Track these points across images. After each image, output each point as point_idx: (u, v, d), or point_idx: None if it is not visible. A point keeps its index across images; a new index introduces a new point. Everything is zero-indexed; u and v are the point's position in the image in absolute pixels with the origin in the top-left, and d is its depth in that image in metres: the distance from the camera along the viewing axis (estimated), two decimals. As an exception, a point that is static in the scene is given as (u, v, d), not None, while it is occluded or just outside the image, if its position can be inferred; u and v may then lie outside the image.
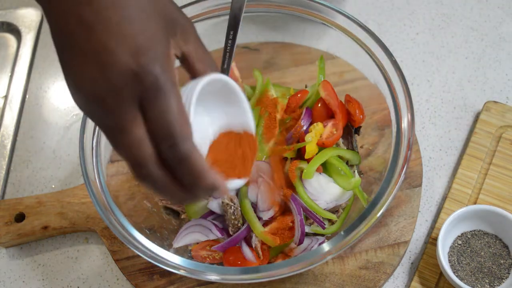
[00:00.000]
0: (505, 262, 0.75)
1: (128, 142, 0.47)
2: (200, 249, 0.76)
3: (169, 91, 0.47)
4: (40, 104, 1.00)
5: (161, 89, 0.47)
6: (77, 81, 0.47)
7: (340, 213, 0.78)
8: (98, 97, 0.47)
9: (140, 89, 0.46)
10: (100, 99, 0.47)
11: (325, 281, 0.78)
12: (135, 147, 0.47)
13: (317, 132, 0.76)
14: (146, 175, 0.49)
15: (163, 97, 0.47)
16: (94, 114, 0.49)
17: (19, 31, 1.07)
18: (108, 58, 0.45)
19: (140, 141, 0.47)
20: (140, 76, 0.46)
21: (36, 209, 0.86)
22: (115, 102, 0.46)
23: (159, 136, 0.47)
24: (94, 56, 0.45)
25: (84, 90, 0.47)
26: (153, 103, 0.47)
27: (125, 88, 0.46)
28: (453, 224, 0.76)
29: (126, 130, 0.47)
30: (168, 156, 0.48)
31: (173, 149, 0.48)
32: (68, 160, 0.94)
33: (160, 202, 0.82)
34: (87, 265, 0.85)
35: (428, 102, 0.92)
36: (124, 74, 0.45)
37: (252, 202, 0.76)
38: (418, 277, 0.78)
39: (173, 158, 0.48)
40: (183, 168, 0.49)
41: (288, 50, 0.94)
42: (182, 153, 0.48)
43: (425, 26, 0.99)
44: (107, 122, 0.48)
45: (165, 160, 0.48)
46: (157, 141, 0.48)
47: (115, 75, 0.46)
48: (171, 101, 0.47)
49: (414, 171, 0.84)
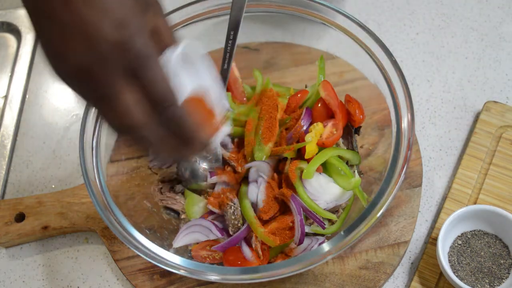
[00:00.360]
0: (505, 262, 0.75)
1: (120, 109, 0.50)
2: (200, 249, 0.76)
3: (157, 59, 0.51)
4: (40, 104, 1.00)
5: (151, 56, 0.50)
6: (60, 52, 0.49)
7: (340, 213, 0.78)
8: (84, 68, 0.48)
9: (128, 58, 0.49)
10: (86, 69, 0.48)
11: (325, 281, 0.78)
12: (129, 112, 0.50)
13: (317, 132, 0.76)
14: (142, 137, 0.53)
15: (155, 64, 0.50)
16: (81, 86, 0.51)
17: (19, 31, 1.07)
18: (92, 30, 0.47)
19: (133, 106, 0.50)
20: (127, 45, 0.48)
21: (36, 209, 0.86)
22: (103, 72, 0.49)
23: (158, 97, 0.51)
24: (76, 28, 0.47)
25: (68, 61, 0.49)
26: (146, 69, 0.50)
27: (111, 58, 0.48)
28: (453, 224, 0.76)
29: (116, 98, 0.50)
30: (168, 115, 0.52)
31: (172, 108, 0.52)
32: (68, 160, 0.94)
33: (160, 202, 0.82)
34: (87, 265, 0.85)
35: (428, 102, 0.92)
36: (110, 44, 0.48)
37: (252, 202, 0.76)
38: (418, 277, 0.78)
39: (173, 116, 0.52)
40: (183, 123, 0.53)
41: (288, 50, 0.94)
42: (180, 110, 0.53)
43: (425, 26, 0.99)
44: (95, 93, 0.50)
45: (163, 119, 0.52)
46: (156, 102, 0.51)
47: (101, 46, 0.47)
48: (161, 67, 0.51)
49: (414, 171, 0.84)
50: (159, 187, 0.82)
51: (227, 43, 0.78)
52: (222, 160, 0.81)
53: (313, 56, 0.92)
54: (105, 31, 0.47)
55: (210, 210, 0.77)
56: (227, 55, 0.79)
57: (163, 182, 0.83)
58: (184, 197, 0.81)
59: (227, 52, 0.79)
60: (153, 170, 0.85)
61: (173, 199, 0.81)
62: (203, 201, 0.78)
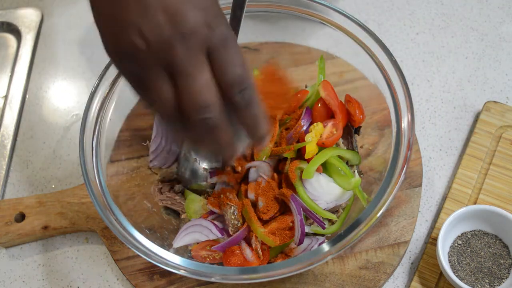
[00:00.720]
0: (505, 262, 0.75)
1: (197, 86, 0.50)
2: (200, 249, 0.76)
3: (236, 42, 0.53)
4: (40, 104, 1.00)
5: (232, 40, 0.51)
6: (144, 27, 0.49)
7: (340, 213, 0.78)
8: (166, 42, 0.49)
9: (210, 38, 0.50)
10: (168, 44, 0.49)
11: (325, 281, 0.78)
12: (204, 91, 0.50)
13: (317, 132, 0.76)
14: (209, 119, 0.52)
15: (234, 47, 0.52)
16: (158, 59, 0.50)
17: (19, 31, 1.07)
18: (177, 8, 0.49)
19: (209, 85, 0.51)
20: (211, 26, 0.50)
21: (36, 209, 0.86)
22: (185, 48, 0.49)
23: (231, 81, 0.51)
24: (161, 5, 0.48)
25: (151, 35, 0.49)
26: (225, 51, 0.51)
27: (194, 36, 0.49)
28: (453, 224, 0.76)
29: (194, 75, 0.50)
30: (237, 100, 0.52)
31: (244, 93, 0.52)
32: (68, 160, 0.94)
33: (160, 202, 0.82)
34: (87, 265, 0.85)
35: (428, 102, 0.92)
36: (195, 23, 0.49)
37: (252, 202, 0.76)
38: (418, 277, 0.78)
39: (242, 101, 0.53)
40: (251, 110, 0.54)
41: (288, 50, 0.94)
42: (251, 97, 0.53)
43: (425, 26, 0.99)
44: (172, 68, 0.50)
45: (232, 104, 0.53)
46: (228, 86, 0.51)
47: (186, 23, 0.49)
48: (239, 51, 0.52)
49: (414, 171, 0.84)
50: (159, 187, 0.83)
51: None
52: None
53: (313, 56, 0.92)
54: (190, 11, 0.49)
55: (210, 210, 0.77)
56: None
57: (163, 182, 0.84)
58: (184, 197, 0.81)
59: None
60: (153, 170, 0.85)
61: (173, 199, 0.81)
62: (203, 201, 0.78)
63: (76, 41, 1.04)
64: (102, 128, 0.78)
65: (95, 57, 1.02)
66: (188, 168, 0.81)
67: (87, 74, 1.00)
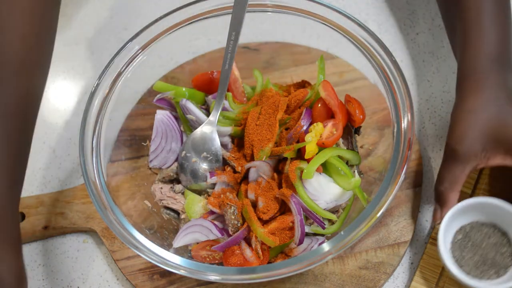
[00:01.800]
0: (507, 250, 0.74)
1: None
2: (200, 249, 0.76)
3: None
4: (40, 104, 1.00)
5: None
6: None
7: (340, 213, 0.78)
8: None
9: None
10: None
11: (325, 281, 0.78)
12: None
13: (317, 132, 0.76)
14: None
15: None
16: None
17: (19, 31, 1.07)
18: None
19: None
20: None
21: (36, 209, 0.86)
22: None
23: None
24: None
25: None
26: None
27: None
28: (451, 220, 0.75)
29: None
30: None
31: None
32: (68, 160, 0.94)
33: (160, 202, 0.82)
34: (87, 265, 0.85)
35: (428, 102, 0.92)
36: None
37: (252, 202, 0.76)
38: (418, 277, 0.78)
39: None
40: None
41: (288, 50, 0.94)
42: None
43: (425, 26, 0.99)
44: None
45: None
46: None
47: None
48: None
49: (414, 171, 0.84)
50: (159, 187, 0.83)
51: (228, 43, 0.78)
52: (222, 160, 0.81)
53: (313, 56, 0.92)
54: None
55: (210, 210, 0.77)
56: (228, 55, 0.79)
57: (163, 182, 0.83)
58: (184, 197, 0.81)
59: (228, 53, 0.79)
60: (153, 170, 0.85)
61: (173, 199, 0.81)
62: (203, 201, 0.78)
63: (76, 41, 1.04)
64: (102, 128, 0.78)
65: (95, 57, 1.02)
66: (188, 168, 0.81)
67: (87, 74, 1.00)
